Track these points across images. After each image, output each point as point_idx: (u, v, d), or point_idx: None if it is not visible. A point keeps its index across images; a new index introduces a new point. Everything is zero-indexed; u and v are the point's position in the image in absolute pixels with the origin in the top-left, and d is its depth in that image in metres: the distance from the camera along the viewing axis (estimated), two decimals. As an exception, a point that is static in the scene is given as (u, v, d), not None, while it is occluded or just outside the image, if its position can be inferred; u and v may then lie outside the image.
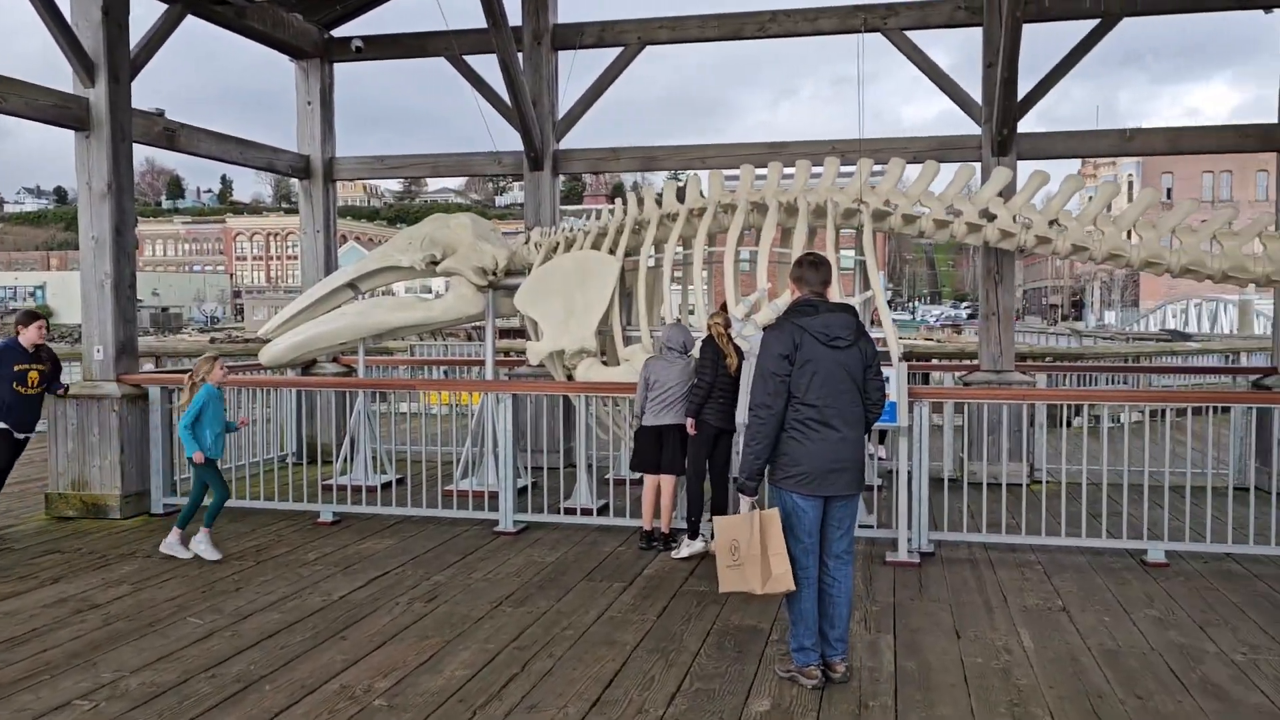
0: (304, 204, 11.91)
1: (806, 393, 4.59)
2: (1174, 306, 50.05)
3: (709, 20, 10.78)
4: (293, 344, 9.77)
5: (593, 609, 6.01)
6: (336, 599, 6.23)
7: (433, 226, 9.62)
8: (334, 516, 8.38)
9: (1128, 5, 9.77)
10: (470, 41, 11.08)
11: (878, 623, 5.73)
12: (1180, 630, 5.55)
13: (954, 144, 10.21)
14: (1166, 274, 8.16)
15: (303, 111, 11.80)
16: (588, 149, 11.27)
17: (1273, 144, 9.63)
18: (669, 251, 8.63)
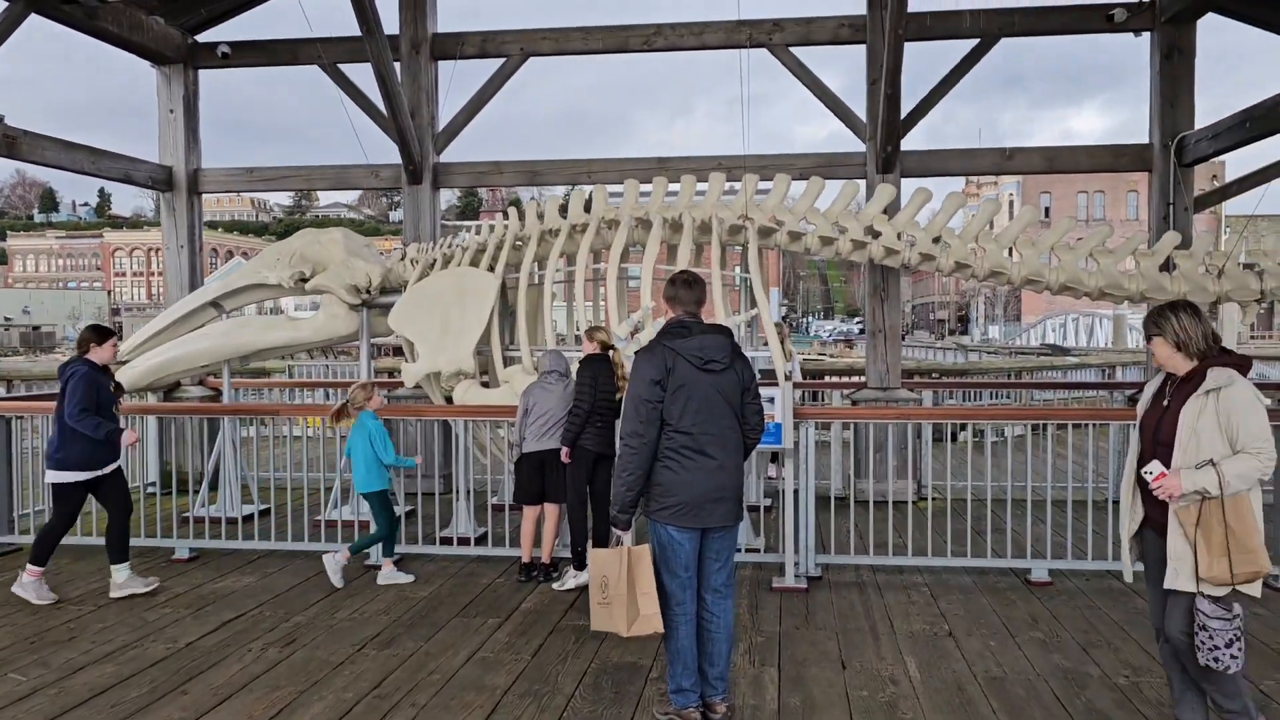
0: (166, 218, 11.22)
1: (680, 419, 4.32)
2: (1053, 321, 51.85)
3: (593, 32, 10.54)
4: (150, 367, 9.15)
5: (464, 649, 5.64)
6: (182, 646, 5.70)
7: (302, 242, 9.13)
8: (190, 552, 7.79)
9: (1005, 26, 9.91)
10: (345, 49, 10.62)
11: (762, 655, 5.51)
12: (1064, 653, 5.47)
13: (839, 161, 10.18)
14: (1046, 291, 8.22)
15: (165, 120, 11.13)
16: (470, 163, 10.90)
17: (1145, 164, 9.85)
18: (551, 268, 8.34)
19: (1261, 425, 3.87)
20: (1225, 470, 3.84)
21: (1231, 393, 3.88)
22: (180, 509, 8.69)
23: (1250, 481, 3.87)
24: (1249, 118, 8.51)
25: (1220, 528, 3.82)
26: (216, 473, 9.27)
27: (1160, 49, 9.74)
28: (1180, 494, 3.90)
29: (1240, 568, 3.80)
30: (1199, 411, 3.93)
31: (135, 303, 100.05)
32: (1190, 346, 4.01)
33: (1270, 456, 3.84)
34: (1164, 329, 4.05)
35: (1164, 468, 3.95)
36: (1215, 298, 7.98)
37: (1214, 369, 3.96)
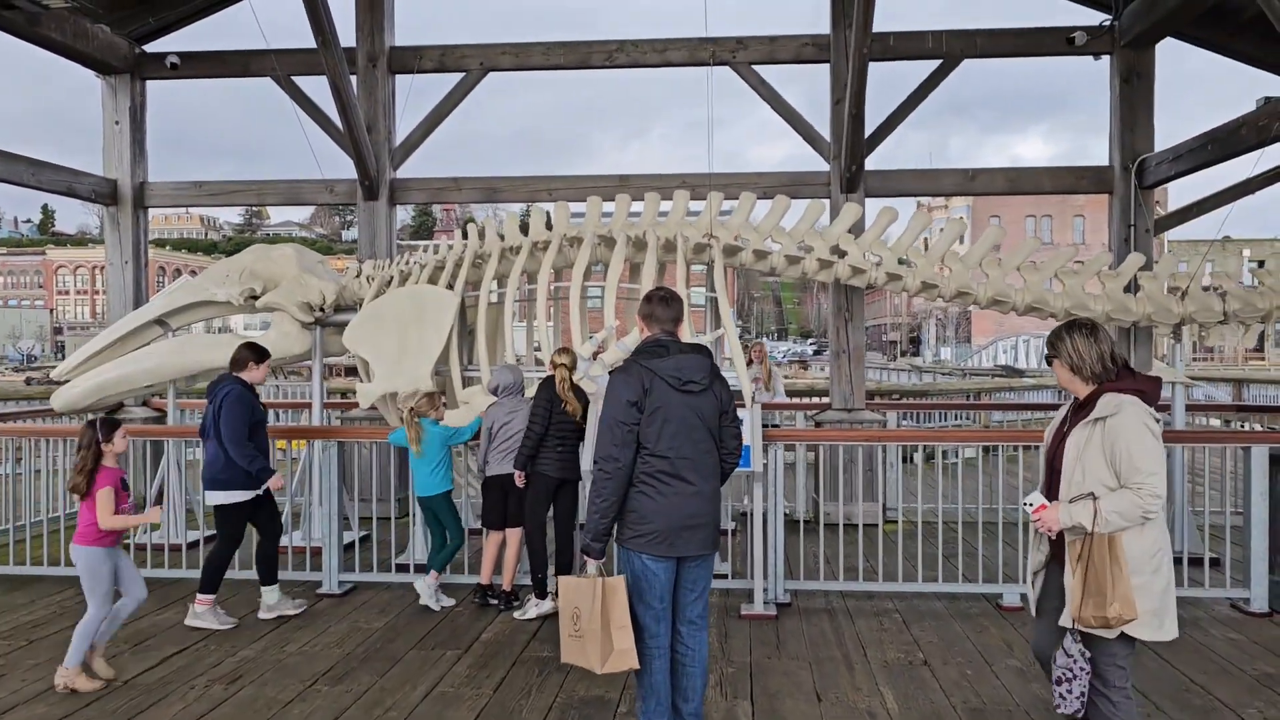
0: (110, 233, 10.83)
1: (657, 443, 4.11)
2: (1004, 343, 52.58)
3: (554, 48, 10.38)
4: (90, 387, 8.74)
5: (422, 683, 5.37)
6: (120, 684, 5.37)
7: (253, 257, 8.82)
8: (131, 582, 7.41)
9: (967, 47, 9.92)
10: (299, 61, 10.35)
11: (734, 686, 5.31)
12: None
13: (803, 180, 10.10)
14: (1012, 311, 8.17)
15: (110, 132, 10.76)
16: (427, 178, 10.66)
17: (1106, 186, 9.88)
18: (511, 286, 8.12)
19: (1146, 458, 3.57)
20: (1103, 506, 3.58)
21: (1117, 421, 3.61)
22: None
23: (1132, 519, 3.58)
24: (1210, 140, 8.56)
25: (1097, 567, 3.58)
26: (160, 497, 8.89)
27: (1120, 72, 9.80)
28: (1057, 529, 3.70)
29: (1096, 610, 3.56)
30: (1085, 441, 3.69)
31: (79, 321, 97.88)
32: (1084, 370, 3.78)
33: (1153, 493, 3.55)
34: (1059, 351, 3.84)
35: (1044, 499, 3.75)
36: (1179, 319, 7.99)
37: (1105, 395, 3.71)
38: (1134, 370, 3.83)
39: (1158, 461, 3.58)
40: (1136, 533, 3.62)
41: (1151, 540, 3.65)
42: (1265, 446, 6.78)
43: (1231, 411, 13.31)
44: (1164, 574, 3.67)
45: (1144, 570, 3.61)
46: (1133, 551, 3.61)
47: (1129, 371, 3.81)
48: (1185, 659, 5.71)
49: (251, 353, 6.69)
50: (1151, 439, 3.60)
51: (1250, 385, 19.66)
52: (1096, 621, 3.58)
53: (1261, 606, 6.64)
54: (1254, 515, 6.71)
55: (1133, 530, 3.61)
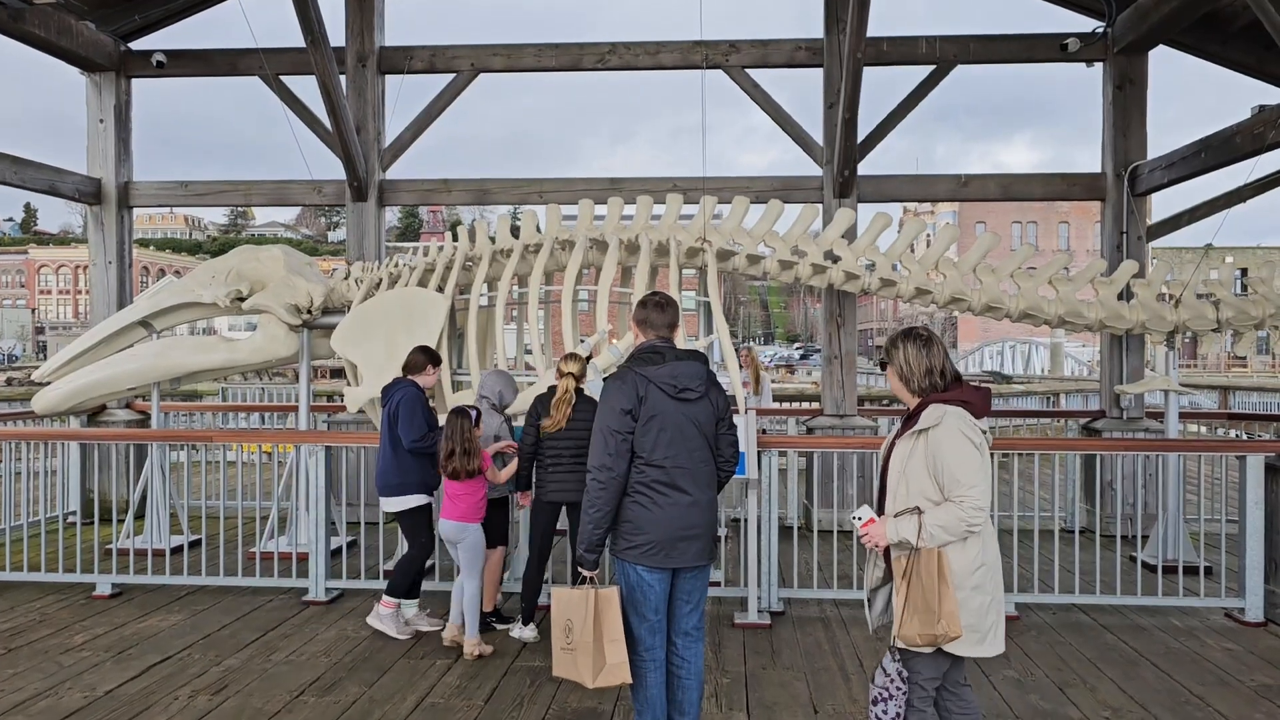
0: (94, 232, 10.68)
1: (652, 451, 4.02)
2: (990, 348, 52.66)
3: (546, 50, 10.30)
4: (73, 389, 8.59)
5: (411, 694, 5.27)
6: (101, 695, 5.25)
7: (240, 259, 8.69)
8: (113, 588, 7.28)
9: (961, 52, 9.89)
10: (287, 61, 10.23)
11: (729, 698, 5.23)
12: (1041, 693, 5.27)
13: (796, 185, 10.03)
14: (1006, 318, 8.13)
15: (94, 130, 10.62)
16: (417, 180, 10.56)
17: (1098, 193, 9.87)
18: (503, 290, 8.02)
19: (966, 469, 3.46)
20: (927, 520, 3.47)
21: (937, 433, 3.50)
22: (103, 540, 8.18)
23: (955, 533, 3.47)
24: (1204, 147, 8.54)
25: (920, 582, 3.48)
26: (143, 501, 8.76)
27: (1113, 79, 9.78)
28: (884, 544, 3.58)
29: (923, 628, 3.45)
30: (908, 453, 3.58)
31: (61, 321, 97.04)
32: (912, 381, 3.66)
33: (976, 505, 3.43)
34: (891, 358, 3.72)
35: (873, 513, 3.63)
36: (1173, 327, 7.97)
37: (930, 406, 3.58)
38: (964, 382, 3.69)
39: (978, 473, 3.47)
40: (959, 547, 3.51)
41: (974, 555, 3.53)
42: (1261, 455, 6.75)
43: (1222, 419, 13.34)
44: (987, 590, 3.56)
45: (964, 586, 3.50)
46: (956, 567, 3.50)
47: (959, 384, 3.66)
48: (1183, 669, 5.66)
49: (426, 356, 6.59)
50: (971, 450, 3.49)
51: (1236, 392, 19.75)
52: (923, 640, 3.46)
53: (1257, 616, 6.60)
54: (1249, 524, 6.68)
55: (955, 545, 3.51)
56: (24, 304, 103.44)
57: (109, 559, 7.72)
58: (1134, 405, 9.75)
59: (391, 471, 6.32)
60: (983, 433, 3.58)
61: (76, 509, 9.74)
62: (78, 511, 9.70)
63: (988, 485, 3.49)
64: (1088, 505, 9.65)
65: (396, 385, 6.45)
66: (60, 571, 7.46)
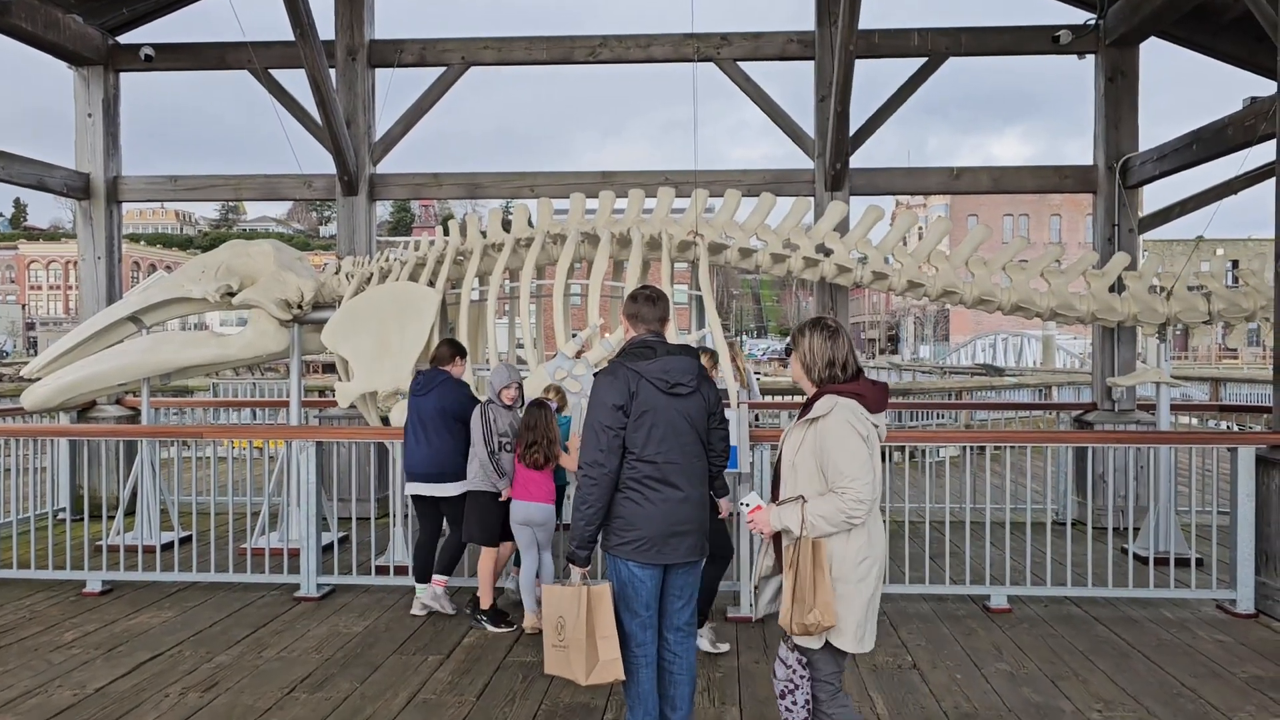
0: (83, 227, 10.62)
1: (644, 447, 4.00)
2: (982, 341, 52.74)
3: (537, 42, 10.26)
4: (62, 385, 8.54)
5: (403, 690, 5.26)
6: (92, 692, 5.22)
7: (230, 254, 8.64)
8: (103, 585, 7.25)
9: (953, 45, 9.88)
10: (277, 55, 10.18)
11: (722, 692, 5.22)
12: (1033, 686, 5.28)
13: (788, 178, 10.02)
14: (998, 311, 8.13)
15: (82, 124, 10.55)
16: (408, 174, 10.52)
17: (1090, 186, 9.87)
18: (494, 284, 8.00)
19: (851, 461, 3.44)
20: (810, 510, 3.47)
21: (826, 423, 3.49)
22: (93, 537, 8.14)
23: (836, 524, 3.46)
24: (1196, 139, 8.55)
25: (802, 572, 3.47)
26: (133, 498, 8.72)
27: (1104, 71, 9.78)
28: (769, 531, 3.60)
29: (799, 616, 3.45)
30: (799, 442, 3.58)
31: (51, 317, 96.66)
32: (814, 371, 3.64)
33: (857, 497, 3.41)
34: (797, 346, 3.70)
35: (760, 500, 3.65)
36: (1165, 319, 7.97)
37: (823, 396, 3.58)
38: (863, 377, 3.67)
39: (863, 466, 3.45)
40: (843, 539, 3.51)
41: (859, 547, 3.52)
42: (1252, 447, 6.76)
43: (1213, 411, 13.37)
44: (870, 583, 3.55)
45: (850, 578, 3.50)
46: (839, 558, 3.50)
47: (858, 379, 3.64)
48: (1174, 661, 5.67)
49: (452, 349, 6.86)
50: (858, 442, 3.47)
51: (1227, 384, 19.81)
52: (799, 629, 3.48)
53: (1248, 608, 6.62)
54: (1240, 516, 6.69)
55: (839, 536, 3.50)
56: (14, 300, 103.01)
57: (99, 556, 7.67)
58: (1125, 397, 9.77)
59: (448, 459, 6.55)
60: (874, 427, 3.57)
61: (66, 506, 9.70)
62: (67, 508, 9.66)
63: (872, 479, 3.46)
64: (1079, 497, 9.66)
65: (433, 375, 6.71)
66: (50, 569, 7.43)
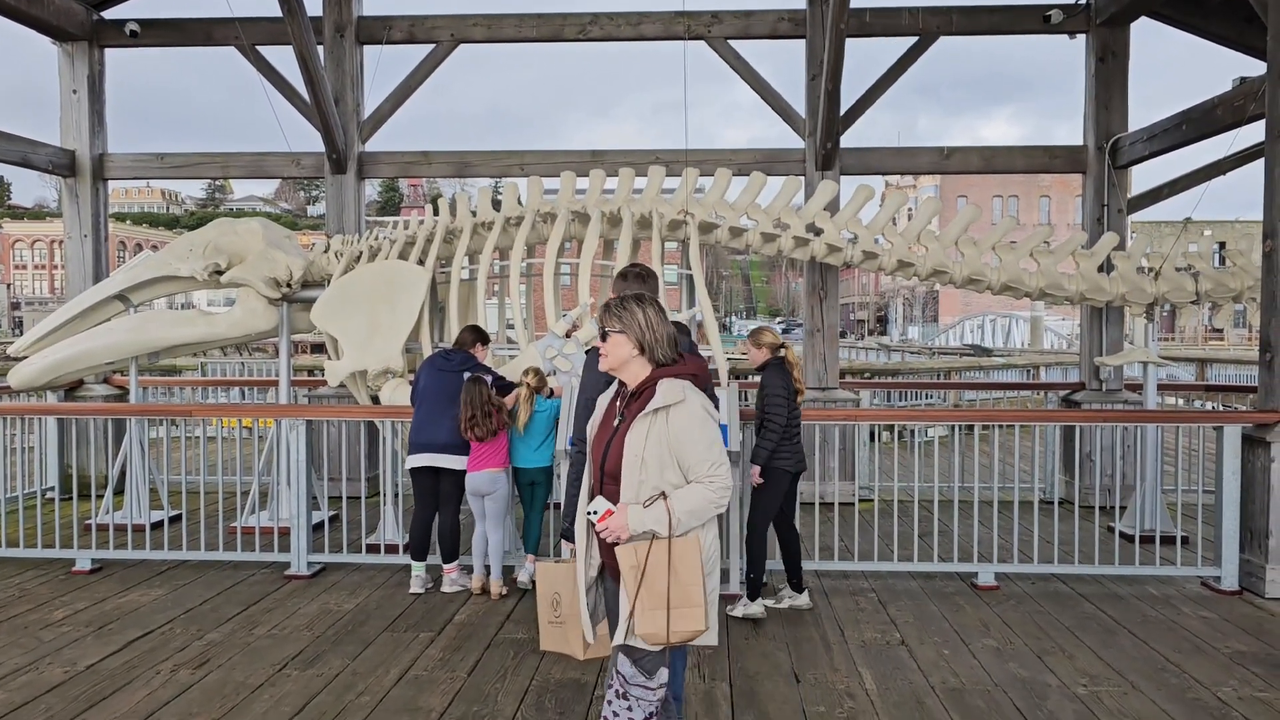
0: (68, 205, 10.54)
1: None
2: (971, 322, 52.93)
3: (527, 20, 10.20)
4: (49, 364, 8.52)
5: (394, 667, 5.27)
6: (83, 669, 5.22)
7: (218, 232, 8.60)
8: (93, 564, 7.24)
9: (944, 24, 9.86)
10: (263, 31, 10.09)
11: (712, 668, 5.25)
12: (1020, 662, 5.33)
13: (779, 157, 10.00)
14: (988, 290, 8.15)
15: (67, 101, 10.45)
16: (397, 152, 10.46)
17: (1080, 166, 9.88)
18: (484, 263, 7.98)
19: (710, 446, 3.21)
20: (675, 505, 3.16)
21: (680, 410, 3.21)
22: (82, 516, 8.13)
23: (703, 516, 3.22)
24: (1185, 120, 8.56)
25: (665, 574, 3.16)
26: (122, 477, 8.70)
27: (1095, 51, 9.77)
28: (626, 535, 3.21)
29: (678, 624, 3.15)
30: (646, 434, 3.21)
31: (37, 296, 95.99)
32: (656, 350, 3.30)
33: (724, 485, 3.19)
34: (628, 324, 3.30)
35: (610, 505, 3.24)
36: (1153, 299, 8.01)
37: (664, 381, 3.27)
38: (685, 355, 3.43)
39: (721, 450, 3.25)
40: (705, 531, 3.29)
41: (713, 537, 3.33)
42: (1238, 426, 6.81)
43: (1199, 391, 13.46)
44: (717, 573, 3.37)
45: (708, 570, 3.28)
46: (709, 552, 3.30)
47: (681, 356, 3.40)
48: (1159, 637, 5.73)
49: (475, 335, 6.95)
50: (713, 426, 3.27)
51: (1213, 365, 19.92)
52: (677, 637, 3.17)
53: (1232, 584, 6.68)
54: (1226, 495, 6.75)
55: (699, 529, 3.27)
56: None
57: (88, 534, 7.67)
58: (1113, 377, 9.82)
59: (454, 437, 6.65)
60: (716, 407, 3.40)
61: (55, 485, 9.67)
62: (56, 487, 9.63)
63: (729, 463, 3.27)
64: (1067, 476, 9.72)
65: (468, 357, 6.81)
66: (39, 547, 7.41)
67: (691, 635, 3.19)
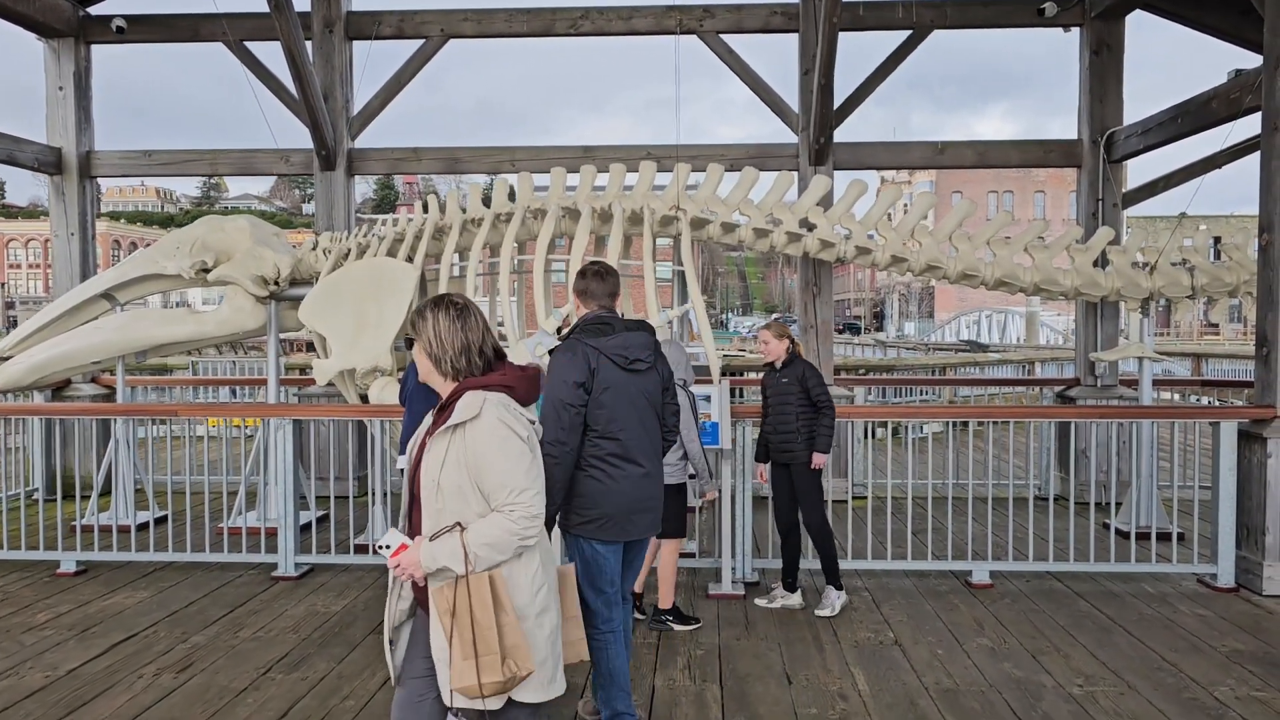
0: (55, 203, 10.44)
1: (608, 424, 3.97)
2: (967, 318, 52.96)
3: (517, 15, 10.11)
4: (34, 364, 8.44)
5: (380, 670, 5.19)
6: (64, 674, 5.14)
7: (205, 229, 8.52)
8: (78, 566, 7.16)
9: (938, 18, 9.78)
10: (251, 26, 10.00)
11: (703, 669, 5.19)
12: (1014, 662, 5.26)
13: (771, 152, 9.92)
14: (982, 286, 8.08)
15: (54, 98, 10.35)
16: (386, 148, 10.36)
17: (1074, 160, 9.82)
18: (473, 260, 7.90)
19: (514, 468, 2.79)
20: (471, 539, 2.76)
21: (477, 427, 2.79)
22: (69, 517, 8.05)
23: (505, 551, 2.80)
24: (1181, 113, 8.49)
25: (474, 617, 2.77)
26: (109, 477, 8.61)
27: (1089, 44, 9.71)
28: (420, 574, 2.84)
29: (488, 674, 2.75)
30: (443, 455, 2.82)
31: (32, 296, 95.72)
32: (444, 362, 2.93)
33: (529, 513, 2.78)
34: (419, 332, 2.96)
35: (405, 538, 2.87)
36: (1148, 294, 7.95)
37: (466, 395, 2.87)
38: (507, 361, 3.05)
39: (528, 474, 2.82)
40: (518, 566, 2.88)
41: (535, 572, 2.91)
42: (1234, 422, 6.75)
43: (1195, 386, 13.41)
44: (551, 614, 2.98)
45: (528, 613, 2.89)
46: (515, 588, 2.87)
47: (502, 364, 3.01)
48: (1155, 636, 5.67)
49: None
50: (519, 446, 2.82)
51: (1209, 360, 19.89)
52: (489, 689, 2.76)
53: (1229, 582, 6.63)
54: (1222, 490, 6.69)
55: (512, 563, 2.86)
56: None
57: (74, 536, 7.59)
58: (1108, 373, 9.76)
59: None
60: (530, 424, 2.94)
61: (41, 486, 9.58)
62: (42, 488, 9.54)
63: (541, 488, 2.87)
64: (1062, 473, 9.67)
65: None
66: (23, 549, 7.33)
67: (501, 686, 2.78)
